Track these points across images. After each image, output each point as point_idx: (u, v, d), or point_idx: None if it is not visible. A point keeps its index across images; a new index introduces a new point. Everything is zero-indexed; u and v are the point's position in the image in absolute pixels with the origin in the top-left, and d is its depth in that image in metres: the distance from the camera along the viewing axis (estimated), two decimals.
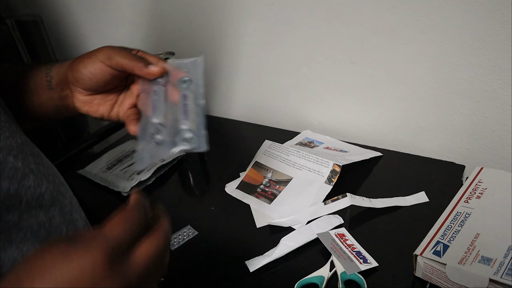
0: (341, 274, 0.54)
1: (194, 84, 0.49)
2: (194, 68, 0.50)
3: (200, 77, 0.49)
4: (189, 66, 0.50)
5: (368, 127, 0.87)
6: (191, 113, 0.46)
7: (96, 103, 0.53)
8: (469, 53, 0.68)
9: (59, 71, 0.52)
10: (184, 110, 0.47)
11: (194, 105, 0.47)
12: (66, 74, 0.51)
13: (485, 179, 0.62)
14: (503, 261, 0.47)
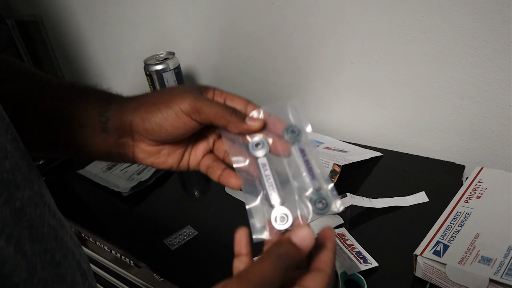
0: (341, 274, 0.54)
1: (302, 133, 0.41)
2: (295, 113, 0.42)
3: (304, 123, 0.42)
4: (287, 111, 0.42)
5: (368, 127, 0.87)
6: (315, 170, 0.40)
7: (165, 153, 0.44)
8: (469, 53, 0.68)
9: (119, 114, 0.42)
10: (308, 168, 0.40)
11: (313, 158, 0.40)
12: (130, 121, 0.41)
13: (485, 179, 0.62)
14: (503, 261, 0.47)
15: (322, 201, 0.38)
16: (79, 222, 0.76)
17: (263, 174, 0.40)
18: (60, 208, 0.41)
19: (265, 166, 0.40)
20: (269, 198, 0.38)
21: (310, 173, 0.39)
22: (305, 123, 0.41)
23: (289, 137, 0.41)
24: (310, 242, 0.32)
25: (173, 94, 0.41)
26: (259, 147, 0.41)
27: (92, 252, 0.81)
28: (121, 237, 0.71)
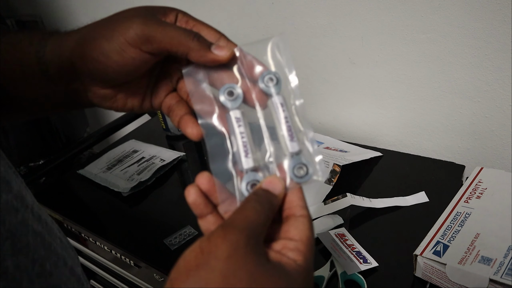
0: (341, 274, 0.54)
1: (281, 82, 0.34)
2: (276, 55, 0.34)
3: (288, 66, 0.34)
4: (266, 52, 0.35)
5: (368, 127, 0.87)
6: (295, 128, 0.33)
7: (122, 96, 0.37)
8: (469, 53, 0.68)
9: (58, 55, 0.35)
10: (287, 126, 0.33)
11: (293, 113, 0.34)
12: (72, 62, 0.34)
13: (485, 179, 0.62)
14: (503, 261, 0.47)
15: (302, 167, 0.33)
16: (79, 222, 0.76)
17: (236, 131, 0.33)
18: (60, 208, 0.41)
19: (239, 121, 0.33)
20: (241, 161, 0.33)
21: (290, 133, 0.33)
22: (288, 68, 0.34)
23: (265, 86, 0.34)
24: (280, 185, 0.31)
25: (117, 21, 0.33)
26: (232, 97, 0.34)
27: (92, 252, 0.81)
28: (121, 237, 0.71)
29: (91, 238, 0.76)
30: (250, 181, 0.33)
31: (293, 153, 0.33)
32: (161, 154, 0.89)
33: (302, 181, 0.33)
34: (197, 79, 0.35)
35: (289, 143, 0.33)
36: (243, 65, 0.34)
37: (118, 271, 0.78)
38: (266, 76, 0.34)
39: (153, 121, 1.08)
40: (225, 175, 0.33)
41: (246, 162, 0.33)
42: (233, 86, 0.34)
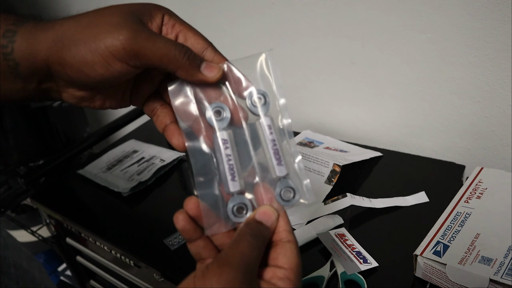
0: (341, 274, 0.54)
1: (270, 98, 0.33)
2: (265, 73, 0.33)
3: (277, 84, 0.33)
4: (255, 68, 0.33)
5: (368, 127, 0.87)
6: (282, 151, 0.32)
7: (100, 97, 0.35)
8: (469, 53, 0.68)
9: (30, 53, 0.31)
10: (274, 149, 0.32)
11: (280, 134, 0.33)
12: (47, 65, 0.31)
13: (485, 179, 0.62)
14: (503, 261, 0.47)
15: (289, 190, 0.33)
16: (79, 222, 0.76)
17: (223, 154, 0.32)
18: (60, 208, 0.41)
19: (226, 143, 0.32)
20: (227, 184, 0.32)
21: (277, 156, 0.32)
22: (277, 86, 0.33)
23: (252, 105, 0.33)
24: (273, 217, 0.32)
25: (101, 27, 0.30)
26: (220, 117, 0.33)
27: (92, 252, 0.81)
28: (121, 237, 0.71)
29: (91, 238, 0.76)
30: (236, 204, 0.33)
31: (280, 176, 0.33)
32: (161, 154, 0.89)
33: (288, 204, 0.33)
34: (183, 95, 0.33)
35: (276, 167, 0.32)
36: (231, 82, 0.33)
37: (118, 271, 0.78)
38: (254, 95, 0.33)
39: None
40: (211, 197, 0.33)
41: (233, 185, 0.32)
42: (221, 106, 0.33)
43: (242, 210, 0.33)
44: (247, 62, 0.33)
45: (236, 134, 0.33)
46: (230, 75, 0.33)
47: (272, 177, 0.33)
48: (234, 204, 0.33)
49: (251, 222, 0.31)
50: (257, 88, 0.33)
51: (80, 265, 0.91)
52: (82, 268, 0.91)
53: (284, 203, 0.33)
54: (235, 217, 0.33)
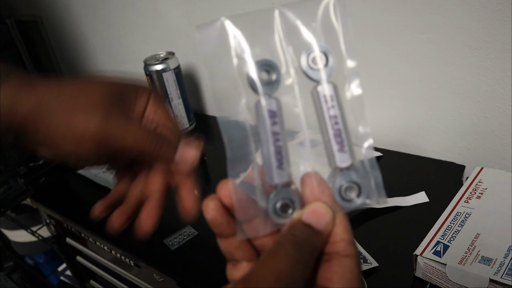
0: None
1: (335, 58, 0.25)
2: (331, 21, 0.25)
3: (346, 40, 0.25)
4: (317, 16, 0.25)
5: None
6: (346, 133, 0.25)
7: (74, 160, 0.33)
8: (469, 53, 0.68)
9: (10, 112, 0.30)
10: (335, 130, 0.24)
11: (344, 109, 0.25)
12: (24, 128, 0.30)
13: (485, 179, 0.62)
14: (503, 261, 0.47)
15: (352, 186, 0.25)
16: (79, 222, 0.76)
17: (268, 130, 0.24)
18: (60, 208, 0.40)
19: (275, 116, 0.24)
20: (271, 172, 0.25)
21: (338, 140, 0.24)
22: (346, 43, 0.25)
23: (309, 67, 0.24)
24: (327, 218, 0.24)
25: (79, 103, 0.29)
26: (268, 77, 0.25)
27: (92, 252, 0.81)
28: (121, 237, 0.71)
29: (91, 238, 0.76)
30: (280, 199, 0.25)
31: (342, 168, 0.25)
32: None
33: (351, 206, 0.25)
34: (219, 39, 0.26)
35: (337, 154, 0.24)
36: (283, 33, 0.25)
37: (118, 271, 0.78)
38: (313, 52, 0.24)
39: None
40: (249, 186, 0.25)
41: (279, 175, 0.25)
42: (271, 64, 0.24)
43: (287, 208, 0.25)
44: (306, 6, 0.25)
45: (285, 105, 0.25)
46: (283, 24, 0.25)
47: (331, 166, 0.25)
48: (277, 200, 0.25)
49: (296, 225, 0.24)
50: (318, 42, 0.24)
51: (80, 265, 0.91)
52: (82, 268, 0.91)
53: (344, 203, 0.25)
54: (278, 217, 0.25)
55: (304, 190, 0.25)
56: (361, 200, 0.25)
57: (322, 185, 0.25)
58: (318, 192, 0.25)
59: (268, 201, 0.25)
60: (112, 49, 1.26)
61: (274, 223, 0.25)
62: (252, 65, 0.24)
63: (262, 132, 0.25)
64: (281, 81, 0.25)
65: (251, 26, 0.25)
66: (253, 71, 0.24)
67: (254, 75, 0.24)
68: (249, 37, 0.25)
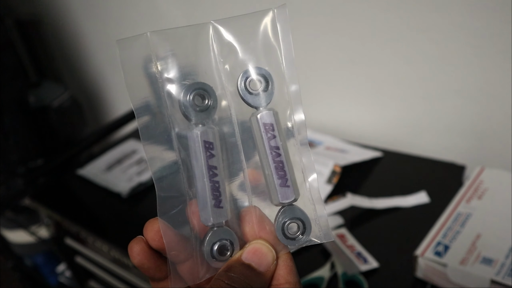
0: (341, 275, 0.54)
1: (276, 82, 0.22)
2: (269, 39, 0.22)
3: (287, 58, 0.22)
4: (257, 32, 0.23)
5: (368, 127, 0.87)
6: (290, 164, 0.23)
7: None
8: (469, 52, 0.68)
9: None
10: (277, 162, 0.22)
11: (287, 138, 0.23)
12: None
13: (486, 179, 0.62)
14: (504, 262, 0.47)
15: (295, 223, 0.22)
16: (78, 223, 0.76)
17: (204, 164, 0.21)
18: (59, 208, 0.40)
19: (211, 148, 0.21)
20: (208, 212, 0.22)
21: (280, 173, 0.22)
22: (287, 64, 0.22)
23: (247, 91, 0.22)
24: (269, 258, 0.22)
25: None
26: (203, 103, 0.22)
27: (91, 253, 0.81)
28: (121, 237, 0.71)
29: (90, 238, 0.75)
30: (218, 241, 0.22)
31: (284, 203, 0.23)
32: None
33: (294, 244, 0.23)
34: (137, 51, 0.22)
35: (278, 189, 0.22)
36: (218, 52, 0.22)
37: (117, 271, 0.77)
38: (250, 75, 0.22)
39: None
40: (181, 226, 0.22)
41: (216, 214, 0.22)
42: (205, 88, 0.22)
43: (226, 251, 0.22)
44: (244, 22, 0.22)
45: (221, 134, 0.22)
46: (217, 41, 0.22)
47: (273, 202, 0.23)
48: (214, 242, 0.22)
49: (234, 265, 0.22)
50: (256, 64, 0.22)
51: (79, 266, 0.90)
52: (81, 268, 0.91)
53: (288, 241, 0.23)
54: (216, 260, 0.22)
55: (243, 227, 0.23)
56: (305, 238, 0.23)
57: (263, 221, 0.23)
58: (258, 229, 0.22)
59: (203, 243, 0.22)
60: (112, 49, 1.25)
61: (213, 267, 0.23)
62: (183, 89, 0.21)
63: (197, 166, 0.21)
64: (217, 108, 0.22)
65: (182, 43, 0.22)
66: (185, 96, 0.21)
67: (186, 100, 0.21)
68: (178, 55, 0.22)
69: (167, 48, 0.22)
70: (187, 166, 0.22)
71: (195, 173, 0.22)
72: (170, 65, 0.22)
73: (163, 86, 0.22)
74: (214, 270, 0.23)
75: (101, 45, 1.28)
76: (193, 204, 0.23)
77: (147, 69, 0.22)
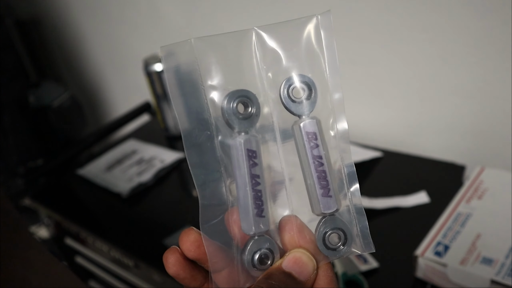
0: (342, 275, 0.54)
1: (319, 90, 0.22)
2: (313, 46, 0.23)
3: (331, 67, 0.22)
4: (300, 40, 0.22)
5: (368, 127, 0.87)
6: (331, 174, 0.23)
7: None
8: (469, 52, 0.68)
9: None
10: (319, 172, 0.22)
11: (329, 147, 0.23)
12: None
13: (486, 179, 0.62)
14: (504, 262, 0.47)
15: (337, 233, 0.22)
16: (78, 223, 0.76)
17: (246, 173, 0.21)
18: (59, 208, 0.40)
19: (254, 156, 0.21)
20: (250, 221, 0.22)
21: (323, 183, 0.22)
22: (331, 72, 0.21)
23: (290, 99, 0.21)
24: (310, 268, 0.22)
25: None
26: (245, 111, 0.22)
27: (91, 253, 0.81)
28: (121, 237, 0.71)
29: (90, 238, 0.75)
30: (260, 250, 0.22)
31: (325, 213, 0.22)
32: (161, 154, 0.88)
33: (335, 255, 0.22)
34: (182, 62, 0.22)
35: (321, 199, 0.22)
36: (261, 58, 0.22)
37: (117, 271, 0.77)
38: (294, 83, 0.21)
39: (153, 121, 1.08)
40: (222, 236, 0.22)
41: (258, 223, 0.21)
42: (249, 96, 0.21)
43: (266, 260, 0.22)
44: (287, 29, 0.22)
45: (263, 142, 0.22)
46: (260, 48, 0.22)
47: (314, 212, 0.23)
48: (255, 251, 0.22)
49: (274, 273, 0.21)
50: (299, 72, 0.22)
51: (79, 266, 0.90)
52: (81, 268, 0.91)
53: (328, 252, 0.22)
54: (257, 269, 0.22)
55: (283, 236, 0.23)
56: (346, 249, 0.22)
57: (303, 230, 0.22)
58: (299, 238, 0.22)
59: (244, 252, 0.22)
60: (112, 49, 1.26)
61: (252, 276, 0.22)
62: (226, 96, 0.21)
63: (239, 175, 0.21)
64: (260, 116, 0.22)
65: (224, 49, 0.22)
66: (229, 104, 0.21)
67: (229, 108, 0.21)
68: (221, 62, 0.22)
69: (211, 54, 0.22)
70: (229, 174, 0.22)
71: (238, 181, 0.22)
72: (214, 72, 0.22)
73: (206, 93, 0.22)
74: (254, 279, 0.23)
75: (101, 45, 1.28)
76: (234, 212, 0.22)
77: (191, 75, 0.22)
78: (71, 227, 0.79)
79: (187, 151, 0.22)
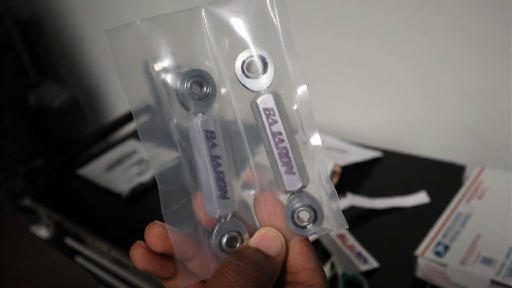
0: (341, 275, 0.54)
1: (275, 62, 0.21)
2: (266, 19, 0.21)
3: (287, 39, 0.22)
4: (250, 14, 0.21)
5: (368, 127, 0.87)
6: (295, 149, 0.21)
7: None
8: (469, 52, 0.68)
9: None
10: (280, 148, 0.21)
11: (291, 122, 0.21)
12: None
13: (486, 179, 0.62)
14: (504, 262, 0.47)
15: (305, 210, 0.21)
16: (78, 223, 0.76)
17: (206, 154, 0.20)
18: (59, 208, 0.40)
19: (213, 137, 0.20)
20: (214, 204, 0.21)
21: (284, 160, 0.20)
22: (286, 43, 0.21)
23: (242, 74, 0.20)
24: (279, 242, 0.21)
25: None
26: (201, 91, 0.21)
27: (91, 253, 0.81)
28: (121, 237, 0.71)
29: (90, 238, 0.75)
30: (227, 233, 0.21)
31: (291, 191, 0.21)
32: None
33: (306, 233, 0.22)
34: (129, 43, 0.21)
35: (285, 177, 0.21)
36: (213, 36, 0.21)
37: (117, 271, 0.77)
38: (247, 58, 0.21)
39: None
40: (188, 222, 0.22)
41: (223, 206, 0.21)
42: (203, 75, 0.21)
43: (235, 242, 0.22)
44: (238, 3, 0.20)
45: (222, 122, 0.21)
46: (211, 25, 0.21)
47: (280, 190, 0.22)
48: (223, 234, 0.21)
49: (242, 251, 0.21)
50: (253, 46, 0.21)
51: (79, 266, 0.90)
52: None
53: (298, 230, 0.22)
54: (225, 253, 0.21)
55: (257, 214, 0.22)
56: (317, 226, 0.21)
57: (275, 207, 0.22)
58: (268, 217, 0.22)
59: (211, 236, 0.21)
60: None
61: (221, 260, 0.21)
62: (179, 77, 0.20)
63: (199, 158, 0.21)
64: (217, 95, 0.21)
65: (174, 29, 0.21)
66: (182, 85, 0.20)
67: (183, 89, 0.20)
68: (172, 42, 0.20)
69: (159, 35, 0.21)
70: (189, 158, 0.21)
71: (198, 164, 0.21)
72: (164, 54, 0.21)
73: (157, 76, 0.21)
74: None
75: (101, 45, 1.28)
76: (198, 196, 0.22)
77: (140, 59, 0.21)
78: (71, 227, 0.79)
79: (142, 138, 0.21)
